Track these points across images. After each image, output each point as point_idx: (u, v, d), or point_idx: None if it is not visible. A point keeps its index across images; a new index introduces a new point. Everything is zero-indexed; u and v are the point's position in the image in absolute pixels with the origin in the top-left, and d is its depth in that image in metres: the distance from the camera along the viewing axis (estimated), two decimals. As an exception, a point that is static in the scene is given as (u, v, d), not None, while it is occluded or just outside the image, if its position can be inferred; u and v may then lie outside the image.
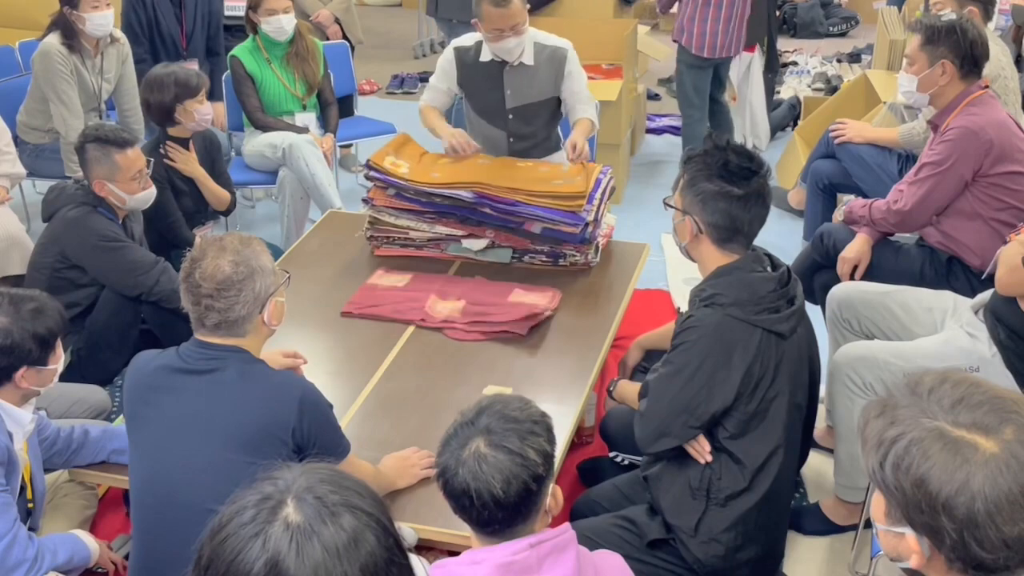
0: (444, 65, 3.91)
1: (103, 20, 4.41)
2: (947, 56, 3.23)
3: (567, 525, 1.79)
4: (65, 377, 2.59)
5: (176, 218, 3.89)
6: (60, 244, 3.30)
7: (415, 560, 2.01)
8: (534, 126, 3.94)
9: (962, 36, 3.22)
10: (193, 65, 5.04)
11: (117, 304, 3.33)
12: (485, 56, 3.80)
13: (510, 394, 1.87)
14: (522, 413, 1.76)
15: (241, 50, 4.70)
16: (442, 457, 1.74)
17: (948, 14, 3.41)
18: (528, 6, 3.73)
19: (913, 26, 3.65)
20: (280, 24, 4.63)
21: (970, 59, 3.22)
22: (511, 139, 3.93)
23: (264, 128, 4.65)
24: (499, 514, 1.69)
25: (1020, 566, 1.25)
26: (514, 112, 3.88)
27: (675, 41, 5.43)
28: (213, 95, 4.41)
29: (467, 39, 3.89)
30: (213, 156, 4.14)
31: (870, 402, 1.38)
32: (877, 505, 1.35)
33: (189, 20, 5.13)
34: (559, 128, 4.07)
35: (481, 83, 3.87)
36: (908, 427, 1.29)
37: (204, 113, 3.91)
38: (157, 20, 5.03)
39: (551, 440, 1.77)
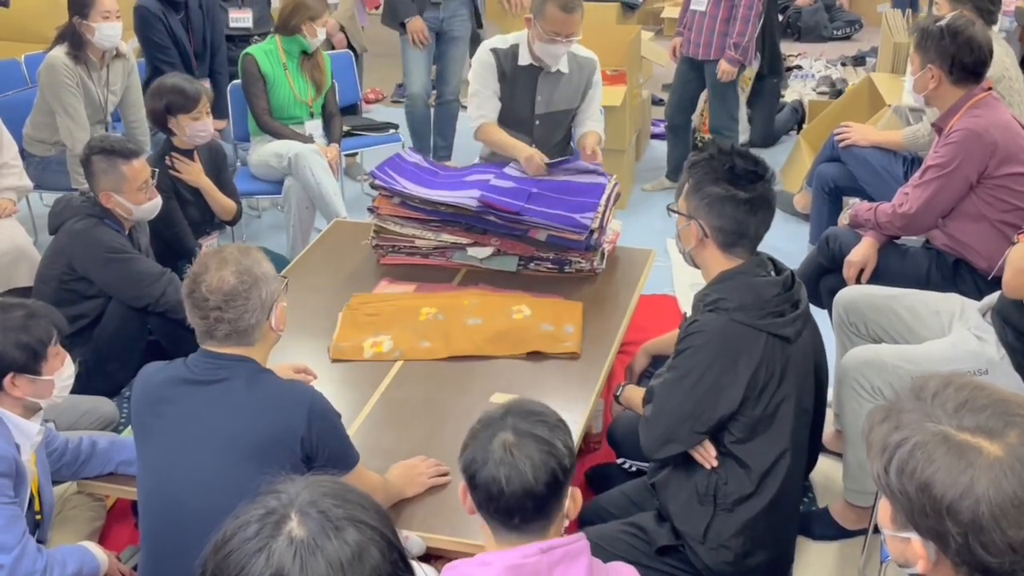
0: (484, 68, 3.86)
1: (112, 31, 4.43)
2: (934, 61, 3.22)
3: (581, 534, 1.79)
4: (72, 389, 2.59)
5: (182, 228, 3.90)
6: (67, 256, 3.31)
7: (422, 570, 2.01)
8: (557, 135, 3.96)
9: (951, 41, 3.19)
10: (205, 83, 5.07)
11: (124, 315, 3.34)
12: (523, 60, 3.82)
13: (533, 401, 1.89)
14: (545, 409, 1.82)
15: (257, 49, 4.73)
16: (467, 452, 1.77)
17: (948, 17, 3.38)
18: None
19: (913, 28, 3.66)
20: (324, 34, 4.77)
21: (959, 65, 3.20)
22: (534, 147, 3.91)
23: (269, 131, 4.66)
24: (527, 503, 1.71)
25: (1027, 570, 1.25)
26: (541, 119, 3.92)
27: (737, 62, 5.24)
28: (217, 113, 4.44)
29: (499, 41, 3.89)
30: (219, 166, 4.15)
31: (875, 407, 1.37)
32: (884, 510, 1.35)
33: (198, 39, 5.16)
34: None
35: (514, 87, 3.88)
36: (912, 431, 1.28)
37: (198, 129, 3.90)
38: (175, 38, 5.06)
39: (571, 439, 1.82)
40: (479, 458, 1.74)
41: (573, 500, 1.81)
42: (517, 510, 1.72)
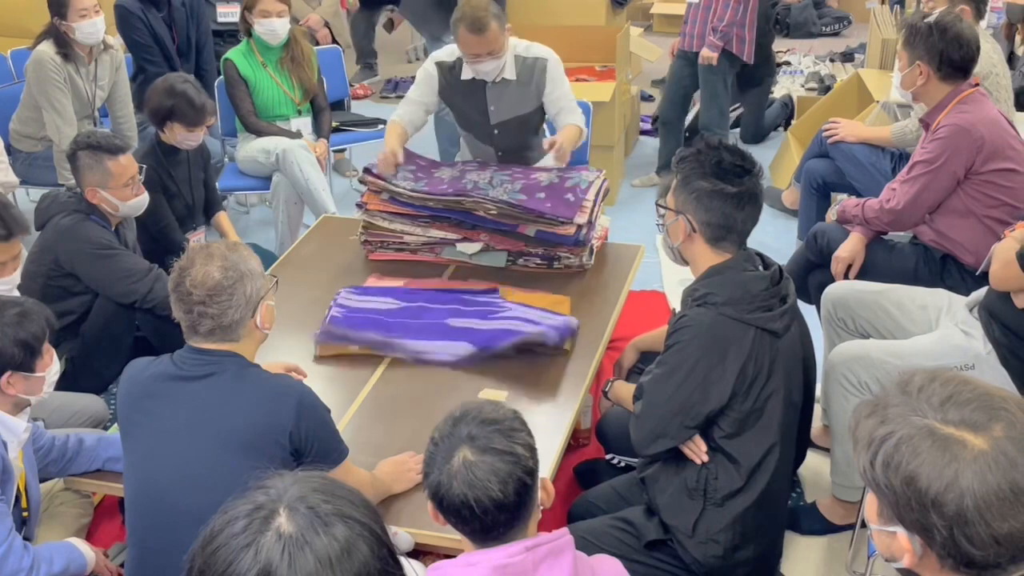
0: (425, 79, 3.78)
1: (92, 28, 4.41)
2: (922, 58, 3.23)
3: (564, 529, 1.79)
4: (59, 385, 2.58)
5: (168, 223, 3.89)
6: (53, 252, 3.29)
7: (410, 566, 2.01)
8: (521, 139, 3.89)
9: (939, 38, 3.19)
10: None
11: (111, 312, 3.32)
12: (466, 75, 3.71)
13: (481, 401, 1.86)
14: (498, 413, 1.77)
15: (235, 53, 4.71)
16: (431, 477, 1.73)
17: (936, 14, 3.39)
18: (508, 27, 3.63)
19: (901, 24, 3.66)
20: (273, 27, 4.63)
21: (948, 62, 3.21)
22: (499, 153, 3.89)
23: (257, 132, 4.65)
24: (501, 516, 1.69)
25: (1011, 563, 1.25)
26: (499, 127, 3.83)
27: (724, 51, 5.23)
28: None
29: (446, 53, 3.77)
30: (204, 163, 4.15)
31: (861, 402, 1.38)
32: (870, 505, 1.35)
33: (181, 37, 5.13)
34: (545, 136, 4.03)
35: (463, 100, 3.79)
36: (898, 425, 1.29)
37: (190, 138, 3.88)
38: (156, 36, 5.03)
39: (530, 433, 1.78)
40: (443, 483, 1.70)
41: (545, 491, 1.81)
42: (492, 525, 1.70)
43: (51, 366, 2.47)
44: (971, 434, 1.25)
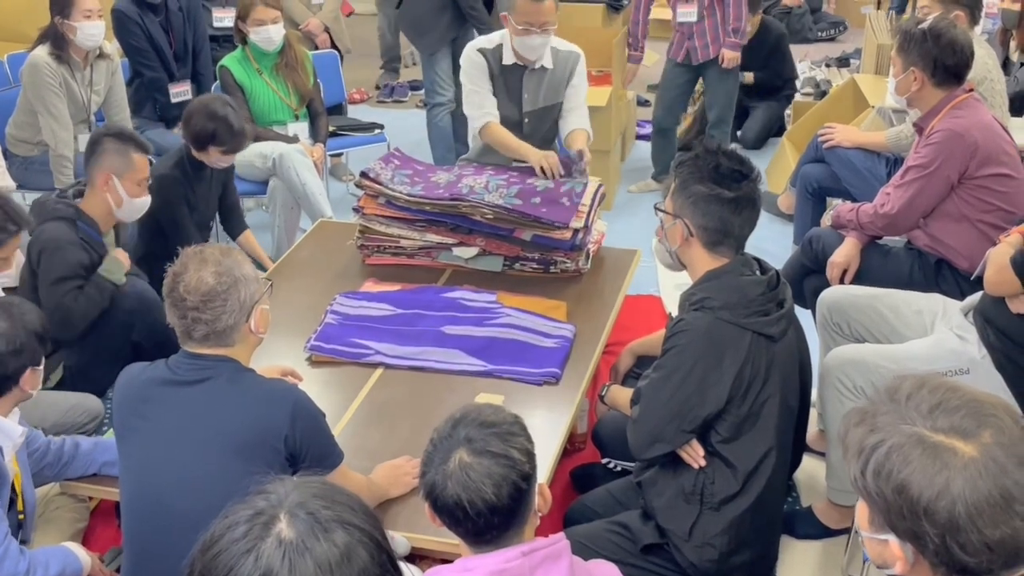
0: (475, 68, 3.83)
1: (94, 30, 4.41)
2: (916, 64, 3.23)
3: (561, 534, 1.79)
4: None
5: (187, 237, 3.87)
6: (31, 261, 3.28)
7: (408, 571, 2.02)
8: (544, 130, 3.96)
9: (933, 44, 3.19)
10: (185, 86, 5.06)
11: (109, 321, 3.32)
12: (507, 59, 3.82)
13: (483, 404, 1.87)
14: (497, 416, 1.78)
15: (230, 60, 4.72)
16: (427, 476, 1.74)
17: (930, 19, 3.40)
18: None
19: (896, 29, 3.67)
20: (268, 34, 4.65)
21: (942, 68, 3.21)
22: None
23: (253, 137, 4.65)
24: (495, 519, 1.70)
25: (1003, 569, 1.26)
26: (529, 116, 3.91)
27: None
28: None
29: (485, 41, 3.90)
30: (227, 174, 4.15)
31: (851, 410, 1.38)
32: (861, 513, 1.36)
33: (178, 42, 5.13)
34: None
35: (501, 87, 3.87)
36: (887, 434, 1.29)
37: (222, 161, 3.92)
38: (153, 41, 5.02)
39: (530, 439, 1.79)
40: (438, 482, 1.71)
41: (542, 496, 1.81)
42: (486, 528, 1.71)
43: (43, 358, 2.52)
44: (961, 441, 1.26)
